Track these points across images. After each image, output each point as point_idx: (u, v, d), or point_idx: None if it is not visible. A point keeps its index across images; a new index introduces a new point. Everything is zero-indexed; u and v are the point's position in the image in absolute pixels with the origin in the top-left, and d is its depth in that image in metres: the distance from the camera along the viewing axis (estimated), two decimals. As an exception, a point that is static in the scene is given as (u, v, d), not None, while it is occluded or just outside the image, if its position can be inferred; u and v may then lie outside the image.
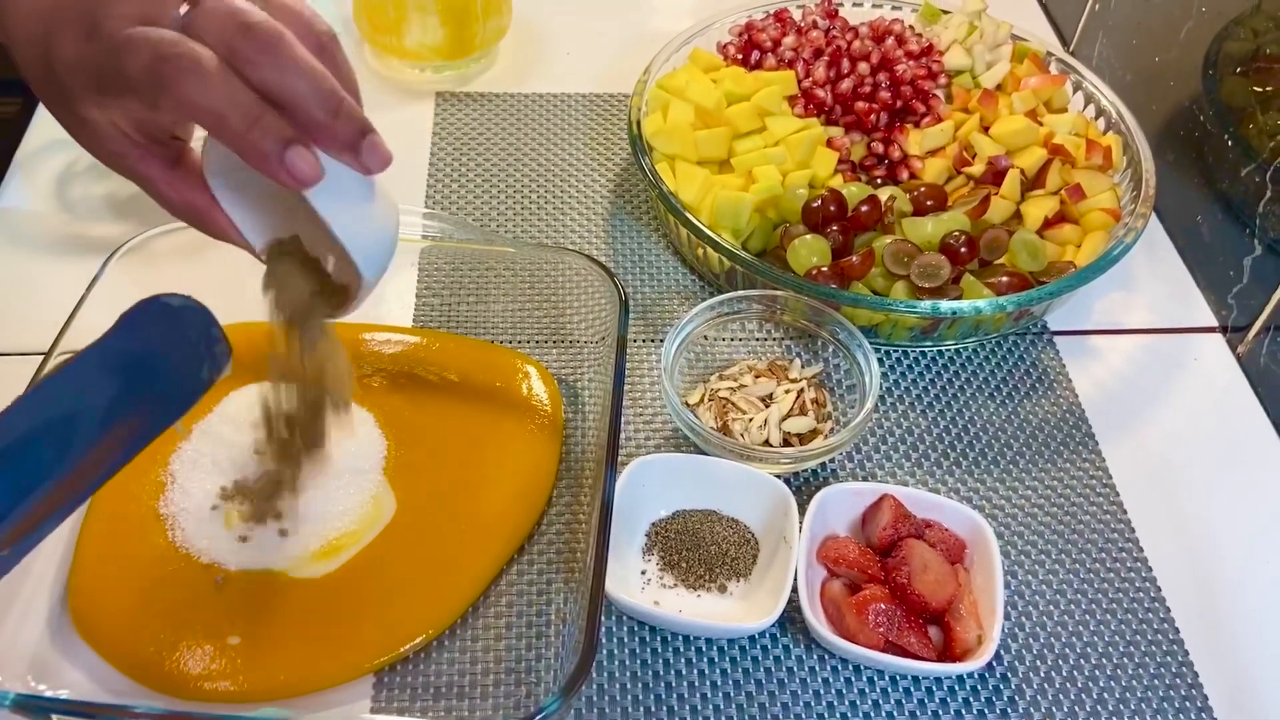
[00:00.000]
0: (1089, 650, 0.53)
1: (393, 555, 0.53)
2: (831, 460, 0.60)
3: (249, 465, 0.54)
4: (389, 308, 0.66)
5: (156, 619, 0.50)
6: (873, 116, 0.74)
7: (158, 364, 0.43)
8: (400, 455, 0.57)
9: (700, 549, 0.54)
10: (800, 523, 0.53)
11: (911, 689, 0.51)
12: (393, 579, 0.52)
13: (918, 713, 0.50)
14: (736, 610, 0.52)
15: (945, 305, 0.60)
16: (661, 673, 0.51)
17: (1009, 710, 0.50)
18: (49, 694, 0.47)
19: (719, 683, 0.51)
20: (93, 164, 0.75)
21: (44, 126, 0.78)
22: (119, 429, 0.42)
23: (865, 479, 0.59)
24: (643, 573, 0.54)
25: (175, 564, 0.52)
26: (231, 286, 0.63)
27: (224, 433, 0.56)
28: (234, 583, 0.51)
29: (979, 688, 0.51)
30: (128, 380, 0.42)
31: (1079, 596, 0.55)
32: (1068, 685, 0.51)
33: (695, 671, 0.51)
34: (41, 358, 0.53)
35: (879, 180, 0.73)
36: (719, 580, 0.53)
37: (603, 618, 0.52)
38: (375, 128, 0.40)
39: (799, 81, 0.75)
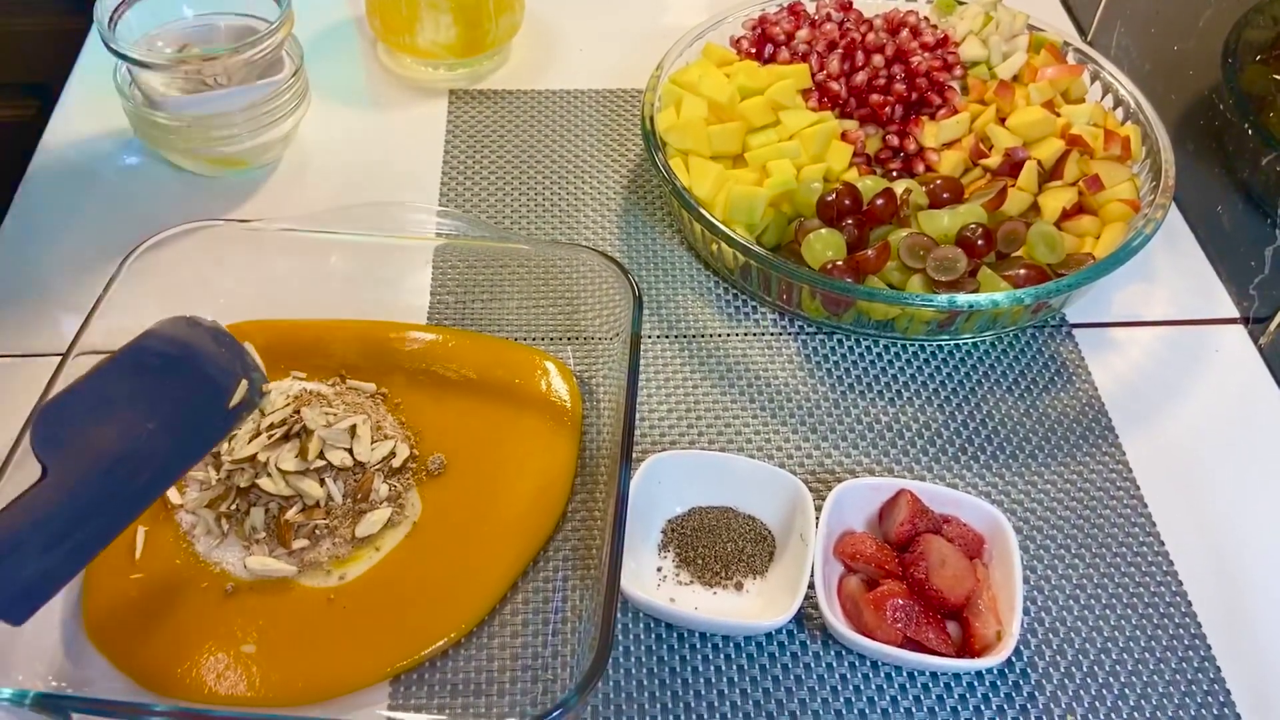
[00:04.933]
0: (1109, 645, 0.52)
1: (415, 560, 0.53)
2: (848, 456, 0.60)
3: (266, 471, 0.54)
4: (403, 306, 0.66)
5: (169, 628, 0.50)
6: (888, 109, 0.73)
7: (191, 369, 0.44)
8: (423, 456, 0.57)
9: (716, 546, 0.54)
10: (816, 519, 0.52)
11: (930, 685, 0.50)
12: (415, 584, 0.52)
13: (936, 709, 0.50)
14: (753, 607, 0.52)
15: (962, 298, 0.60)
16: (678, 669, 0.51)
17: (1028, 706, 0.50)
18: (68, 692, 0.48)
19: (735, 678, 0.50)
20: (109, 165, 0.76)
21: (61, 128, 0.78)
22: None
23: (882, 474, 0.59)
24: (658, 569, 0.54)
25: (190, 571, 0.52)
26: (248, 286, 0.63)
27: (241, 432, 0.56)
28: (247, 590, 0.51)
29: (998, 684, 0.51)
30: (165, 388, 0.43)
31: (1099, 591, 0.54)
32: (1088, 681, 0.51)
33: (711, 667, 0.51)
34: (59, 359, 0.54)
35: (894, 173, 0.72)
36: (735, 577, 0.53)
37: (619, 614, 0.52)
38: None
39: (813, 75, 0.74)
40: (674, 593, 0.53)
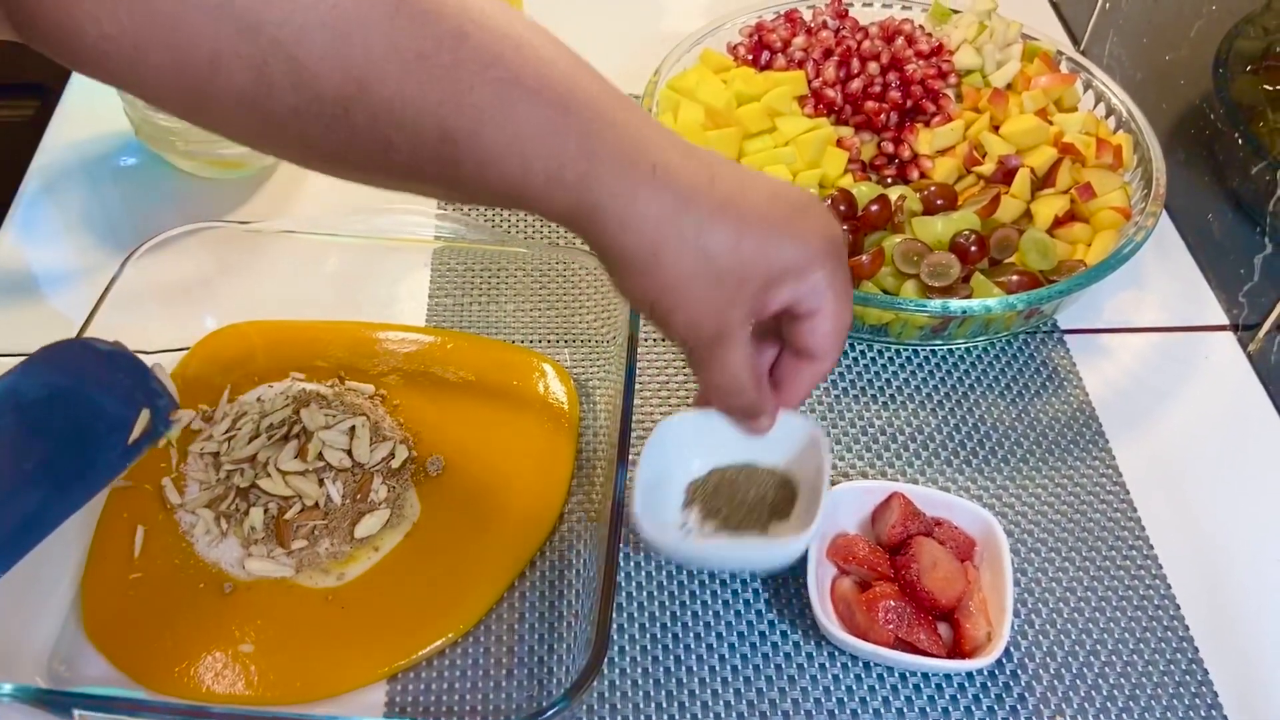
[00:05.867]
0: (1098, 647, 0.53)
1: (414, 560, 0.53)
2: (842, 459, 0.60)
3: (264, 471, 0.55)
4: (401, 308, 0.66)
5: (168, 627, 0.50)
6: (883, 116, 0.74)
7: (78, 404, 0.40)
8: (422, 458, 0.57)
9: (738, 496, 0.53)
10: (832, 460, 0.51)
11: (921, 685, 0.51)
12: (413, 584, 0.52)
13: (927, 709, 0.50)
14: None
15: (955, 304, 0.61)
16: (672, 669, 0.51)
17: (1018, 707, 0.50)
18: (70, 688, 0.48)
19: (729, 679, 0.51)
20: (109, 166, 0.76)
21: (62, 128, 0.79)
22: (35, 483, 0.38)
23: (875, 477, 0.59)
24: (682, 525, 0.53)
25: (188, 571, 0.52)
26: (248, 287, 0.64)
27: (241, 432, 0.57)
28: (245, 590, 0.52)
29: (988, 684, 0.51)
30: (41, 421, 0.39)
31: (1089, 594, 0.55)
32: (1077, 682, 0.51)
33: (705, 668, 0.51)
34: (61, 358, 0.54)
35: (889, 180, 0.73)
36: (759, 523, 0.52)
37: (614, 614, 0.53)
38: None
39: (809, 81, 0.75)
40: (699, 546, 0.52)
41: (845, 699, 0.50)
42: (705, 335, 0.43)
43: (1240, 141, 0.69)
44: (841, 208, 0.66)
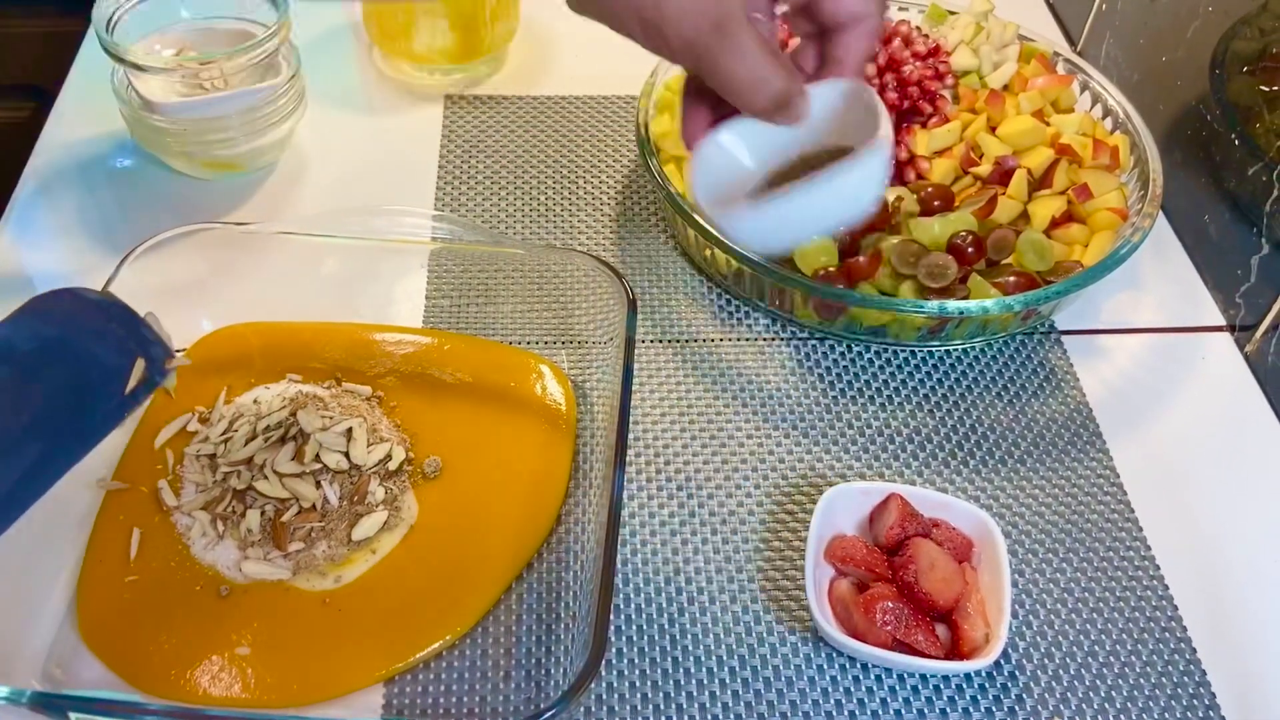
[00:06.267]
0: (1096, 648, 0.53)
1: (411, 562, 0.53)
2: (839, 460, 0.60)
3: (262, 471, 0.55)
4: (398, 309, 0.66)
5: (163, 630, 0.50)
6: (880, 117, 0.74)
7: (70, 353, 0.39)
8: (419, 459, 0.57)
9: (805, 165, 0.51)
10: (876, 95, 0.49)
11: (919, 687, 0.51)
12: (411, 586, 0.52)
13: (925, 710, 0.50)
14: None
15: (952, 305, 0.61)
16: (670, 670, 0.51)
17: (1016, 708, 0.50)
18: (66, 691, 0.48)
19: (726, 680, 0.51)
20: (105, 167, 0.76)
21: (58, 130, 0.79)
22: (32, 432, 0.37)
23: (873, 478, 0.59)
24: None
25: (184, 573, 0.52)
26: (244, 289, 0.64)
27: (237, 434, 0.57)
28: (242, 593, 0.51)
29: (986, 685, 0.51)
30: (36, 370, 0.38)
31: (1086, 595, 0.55)
32: (1075, 683, 0.51)
33: (704, 669, 0.51)
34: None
35: (886, 181, 0.73)
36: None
37: (612, 616, 0.53)
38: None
39: (806, 83, 0.75)
40: None
41: (843, 700, 0.50)
42: (707, 25, 0.42)
43: (1237, 143, 0.69)
44: (839, 209, 0.65)
